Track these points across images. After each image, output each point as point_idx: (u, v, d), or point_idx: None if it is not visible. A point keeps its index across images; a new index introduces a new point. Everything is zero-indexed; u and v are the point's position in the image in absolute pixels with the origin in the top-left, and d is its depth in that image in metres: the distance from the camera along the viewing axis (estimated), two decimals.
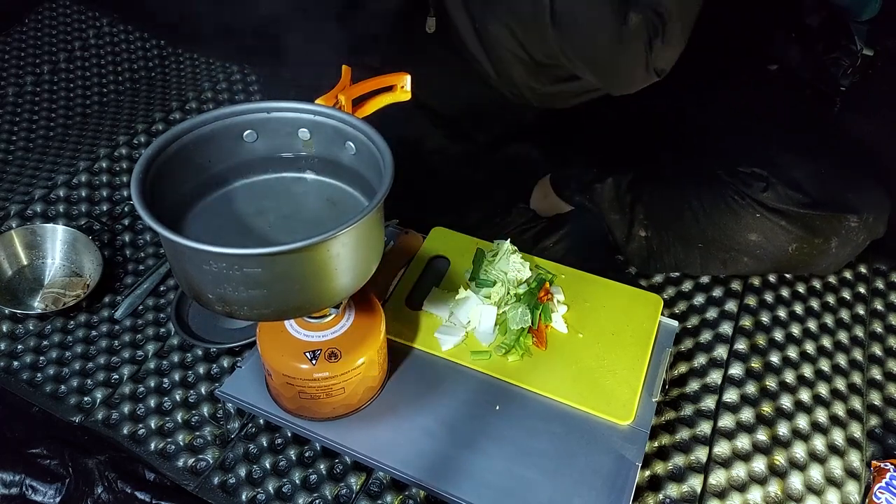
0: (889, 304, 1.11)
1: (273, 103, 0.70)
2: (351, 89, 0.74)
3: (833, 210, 1.00)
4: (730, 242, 1.04)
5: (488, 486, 0.76)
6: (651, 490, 0.85)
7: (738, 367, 0.99)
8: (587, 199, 1.13)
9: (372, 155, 0.67)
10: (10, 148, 1.36)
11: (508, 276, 0.91)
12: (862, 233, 1.02)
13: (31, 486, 0.84)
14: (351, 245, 0.62)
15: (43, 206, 1.20)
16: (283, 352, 0.76)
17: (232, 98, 1.48)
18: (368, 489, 0.84)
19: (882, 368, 1.02)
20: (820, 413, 0.95)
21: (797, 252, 1.03)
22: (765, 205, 1.01)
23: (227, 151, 0.71)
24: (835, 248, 1.03)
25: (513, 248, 0.93)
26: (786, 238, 1.01)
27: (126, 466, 0.86)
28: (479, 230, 1.03)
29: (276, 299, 0.62)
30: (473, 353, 0.87)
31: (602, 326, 0.91)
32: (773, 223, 1.01)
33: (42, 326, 1.04)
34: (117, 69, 1.58)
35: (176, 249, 0.60)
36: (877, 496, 0.85)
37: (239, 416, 0.90)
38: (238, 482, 0.85)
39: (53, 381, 0.96)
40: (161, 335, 1.02)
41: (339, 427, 0.81)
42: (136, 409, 0.93)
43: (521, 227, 1.14)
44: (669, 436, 0.91)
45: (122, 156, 1.31)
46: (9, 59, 1.58)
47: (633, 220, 1.09)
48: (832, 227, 1.01)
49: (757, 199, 1.01)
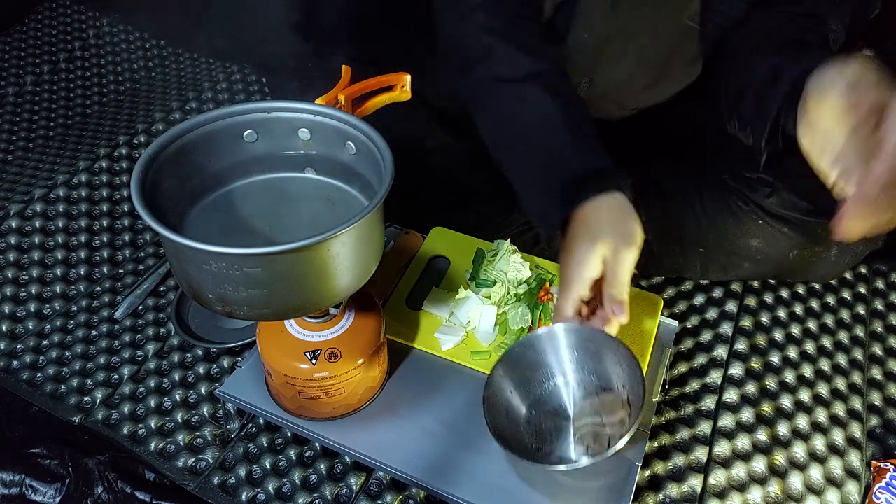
0: (889, 304, 1.11)
1: (273, 103, 0.70)
2: (351, 89, 0.74)
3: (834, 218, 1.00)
4: (731, 247, 1.04)
5: (488, 486, 0.76)
6: (651, 490, 0.85)
7: (738, 367, 0.99)
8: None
9: (372, 155, 0.67)
10: (10, 148, 1.36)
11: (508, 276, 0.91)
12: (861, 242, 1.02)
13: (31, 486, 0.84)
14: (351, 245, 0.62)
15: (43, 205, 1.20)
16: (283, 352, 0.76)
17: (232, 98, 1.48)
18: (368, 489, 0.84)
19: (882, 368, 1.02)
20: (820, 413, 0.95)
21: (797, 259, 1.03)
22: (768, 211, 1.00)
23: (227, 151, 0.71)
24: (834, 257, 1.03)
25: (513, 248, 0.93)
26: (787, 244, 1.02)
27: (126, 466, 0.86)
28: (479, 230, 1.03)
29: (276, 299, 0.62)
30: (473, 353, 0.87)
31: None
32: (775, 229, 1.01)
33: (42, 326, 1.04)
34: (117, 69, 1.59)
35: (176, 249, 0.60)
36: (877, 496, 0.85)
37: (239, 416, 0.90)
38: (238, 482, 0.85)
39: (53, 381, 0.96)
40: (161, 335, 1.02)
41: (339, 427, 0.81)
42: (136, 409, 0.93)
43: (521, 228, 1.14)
44: (669, 436, 0.91)
45: (122, 156, 1.31)
46: (9, 59, 1.58)
47: None
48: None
49: (761, 204, 1.01)
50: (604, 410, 0.74)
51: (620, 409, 0.73)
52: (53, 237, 1.17)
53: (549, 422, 0.77)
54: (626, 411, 0.73)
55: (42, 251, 1.14)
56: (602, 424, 0.74)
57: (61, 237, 1.17)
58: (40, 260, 1.13)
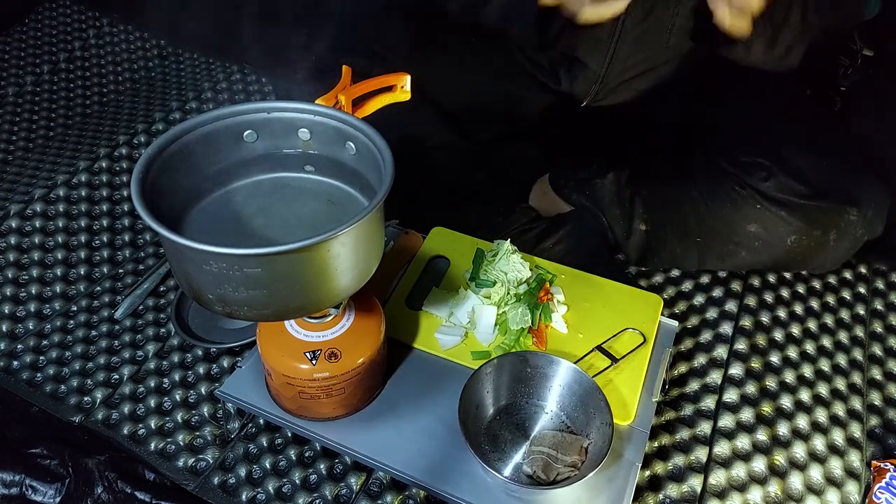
0: (889, 304, 1.11)
1: (273, 103, 0.70)
2: (351, 89, 0.74)
3: (833, 202, 1.00)
4: (729, 234, 1.04)
5: (488, 487, 0.76)
6: (651, 490, 0.85)
7: (738, 367, 0.99)
8: (586, 197, 1.13)
9: (372, 155, 0.67)
10: (10, 148, 1.36)
11: (508, 276, 0.91)
12: (860, 227, 1.02)
13: (31, 486, 0.84)
14: (351, 245, 0.62)
15: (43, 205, 1.20)
16: (283, 352, 0.76)
17: (232, 98, 1.48)
18: (368, 489, 0.84)
19: (882, 368, 1.02)
20: (820, 413, 0.95)
21: (796, 245, 1.03)
22: (765, 195, 1.01)
23: (227, 151, 0.71)
24: (833, 242, 1.03)
25: (513, 248, 0.93)
26: (785, 230, 1.01)
27: (126, 466, 0.86)
28: (479, 230, 1.03)
29: (276, 299, 0.62)
30: (473, 353, 0.87)
31: (602, 326, 0.91)
32: (772, 214, 1.01)
33: (42, 326, 1.04)
34: (117, 69, 1.59)
35: (176, 249, 0.60)
36: (877, 496, 0.85)
37: (239, 416, 0.90)
38: (238, 482, 0.85)
39: (53, 381, 0.96)
40: (161, 335, 1.02)
41: (339, 427, 0.81)
42: (136, 409, 0.93)
43: (521, 228, 1.14)
44: (669, 436, 0.91)
45: (122, 156, 1.31)
46: (9, 59, 1.58)
47: (633, 214, 1.09)
48: (831, 220, 1.01)
49: (758, 188, 1.01)
50: (561, 448, 0.77)
51: (577, 454, 0.76)
52: (53, 237, 1.17)
53: (508, 433, 0.80)
54: (582, 459, 0.76)
55: (42, 251, 1.14)
56: (556, 459, 0.76)
57: (61, 237, 1.17)
58: (40, 260, 1.13)
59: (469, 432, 0.75)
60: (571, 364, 0.80)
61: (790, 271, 1.12)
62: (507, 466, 0.77)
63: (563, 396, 0.81)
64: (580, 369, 0.79)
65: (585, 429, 0.78)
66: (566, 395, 0.81)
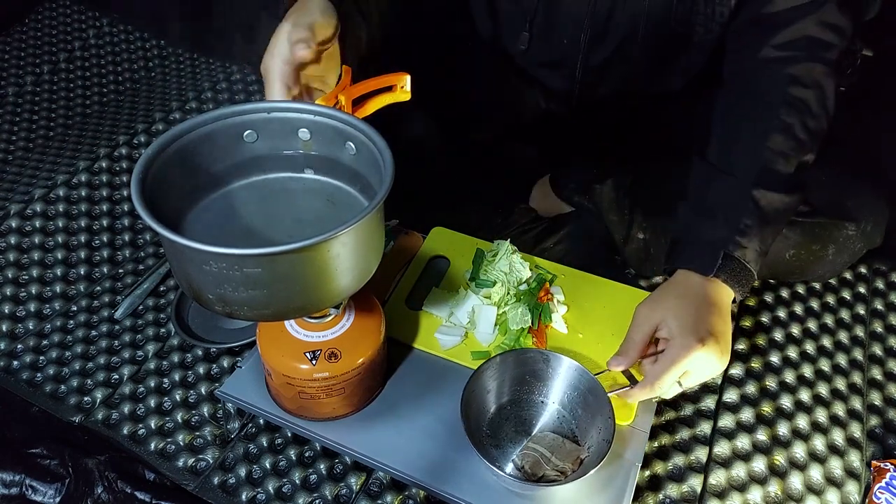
0: (889, 303, 1.11)
1: (273, 103, 0.70)
2: (351, 89, 0.74)
3: (831, 217, 1.00)
4: None
5: (488, 487, 0.76)
6: (651, 490, 0.85)
7: (738, 367, 0.99)
8: (586, 199, 1.13)
9: (372, 155, 0.67)
10: (10, 148, 1.36)
11: (508, 277, 0.91)
12: (859, 241, 1.02)
13: (31, 486, 0.84)
14: (351, 245, 0.62)
15: (43, 205, 1.20)
16: (283, 352, 0.76)
17: (232, 98, 1.48)
18: (368, 489, 0.84)
19: (882, 368, 1.02)
20: (820, 413, 0.95)
21: (794, 259, 1.03)
22: None
23: (227, 151, 0.71)
24: (831, 256, 1.03)
25: (513, 249, 0.93)
26: (783, 244, 1.01)
27: (126, 466, 0.86)
28: (479, 230, 1.03)
29: (276, 300, 0.62)
30: (473, 353, 0.87)
31: (602, 326, 0.91)
32: None
33: (42, 326, 1.04)
34: (117, 69, 1.59)
35: (176, 249, 0.60)
36: (877, 496, 0.85)
37: (239, 416, 0.90)
38: (238, 482, 0.85)
39: (53, 381, 0.96)
40: (161, 335, 1.02)
41: (339, 427, 0.81)
42: (136, 409, 0.93)
43: (521, 228, 1.14)
44: (669, 436, 0.91)
45: (122, 156, 1.31)
46: (9, 59, 1.58)
47: (632, 222, 1.09)
48: (830, 235, 1.01)
49: None
50: (557, 452, 0.77)
51: (571, 462, 0.76)
52: (53, 237, 1.17)
53: (511, 427, 0.81)
54: (573, 468, 0.76)
55: (42, 251, 1.14)
56: (548, 460, 0.76)
57: (61, 237, 1.17)
58: (40, 260, 1.13)
59: (471, 428, 0.75)
60: (574, 362, 0.80)
61: (790, 280, 1.12)
62: (509, 464, 0.78)
63: (573, 400, 0.81)
64: (582, 367, 0.79)
65: (588, 439, 0.78)
66: (576, 400, 0.81)
